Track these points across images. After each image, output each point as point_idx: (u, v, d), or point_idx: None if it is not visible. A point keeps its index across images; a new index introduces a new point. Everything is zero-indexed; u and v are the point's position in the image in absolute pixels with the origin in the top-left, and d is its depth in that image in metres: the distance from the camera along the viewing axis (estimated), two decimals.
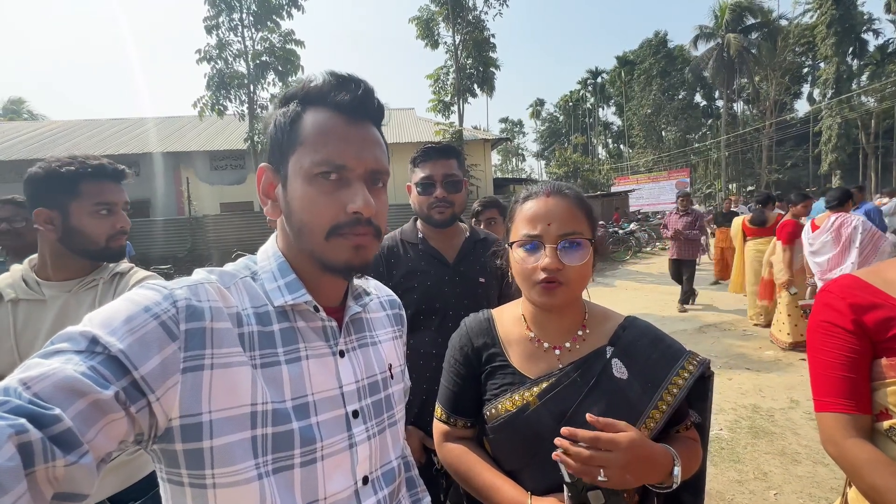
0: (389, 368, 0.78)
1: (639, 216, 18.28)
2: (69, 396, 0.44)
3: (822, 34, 28.81)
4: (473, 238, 1.57)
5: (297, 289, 0.65)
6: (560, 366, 0.90)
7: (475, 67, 15.43)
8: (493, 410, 0.91)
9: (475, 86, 15.68)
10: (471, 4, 14.85)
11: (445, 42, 15.40)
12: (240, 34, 12.56)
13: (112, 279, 1.22)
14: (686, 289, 6.80)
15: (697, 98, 39.24)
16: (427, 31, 15.43)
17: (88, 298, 1.16)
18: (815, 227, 4.17)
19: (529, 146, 65.34)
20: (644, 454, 0.76)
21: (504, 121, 62.26)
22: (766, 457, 2.86)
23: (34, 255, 1.22)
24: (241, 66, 12.70)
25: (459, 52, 15.14)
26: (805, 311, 4.50)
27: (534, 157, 62.34)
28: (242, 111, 12.99)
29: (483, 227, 2.26)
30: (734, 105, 36.02)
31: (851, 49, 29.25)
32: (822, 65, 30.57)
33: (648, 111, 38.14)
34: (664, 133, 39.12)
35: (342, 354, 0.69)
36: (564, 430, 0.76)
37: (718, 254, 8.34)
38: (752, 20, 32.11)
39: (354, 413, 0.68)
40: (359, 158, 0.63)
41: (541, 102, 57.95)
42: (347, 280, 0.73)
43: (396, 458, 0.76)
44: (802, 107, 35.02)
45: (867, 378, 0.84)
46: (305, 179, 0.62)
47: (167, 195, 15.97)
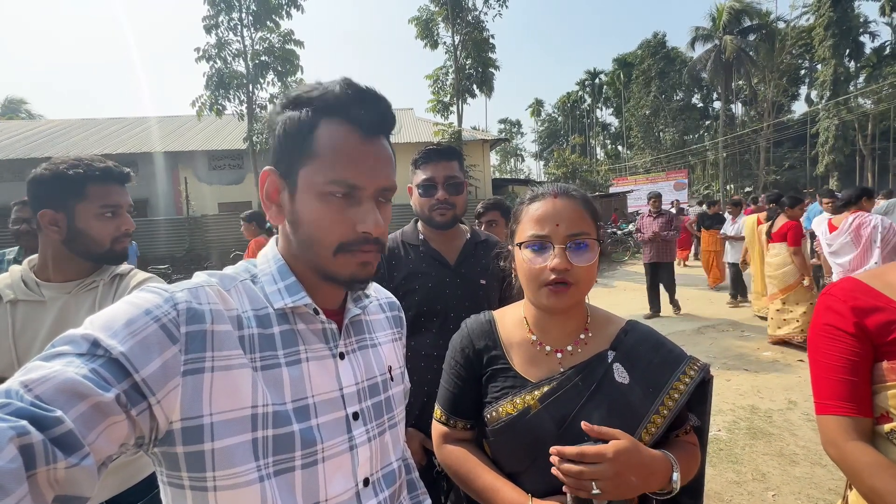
0: (389, 370, 0.78)
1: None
2: (70, 399, 0.44)
3: (820, 36, 28.91)
4: (474, 240, 1.57)
5: (297, 291, 0.65)
6: (562, 369, 0.90)
7: (474, 68, 15.48)
8: (494, 413, 0.90)
9: (474, 86, 15.72)
10: (470, 5, 14.90)
11: (445, 42, 15.46)
12: (239, 34, 12.54)
13: (112, 281, 1.21)
14: (671, 295, 6.47)
15: (695, 100, 39.35)
16: (426, 32, 15.47)
17: (88, 300, 1.16)
18: (833, 228, 4.11)
19: (528, 146, 65.48)
20: (637, 462, 0.75)
21: (503, 121, 62.33)
22: (764, 458, 2.87)
23: (34, 256, 1.21)
24: (241, 66, 12.67)
25: (459, 53, 15.16)
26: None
27: (532, 158, 62.46)
28: (241, 111, 12.95)
29: (483, 229, 2.26)
30: (732, 106, 36.13)
31: (848, 51, 29.34)
32: (820, 67, 30.67)
33: (647, 112, 38.21)
34: (662, 134, 39.19)
35: (342, 356, 0.69)
36: (553, 450, 0.76)
37: (711, 259, 8.10)
38: (750, 22, 32.23)
39: (355, 415, 0.68)
40: (372, 178, 0.63)
41: (540, 103, 58.05)
42: (350, 291, 0.74)
43: (397, 460, 0.76)
44: (800, 108, 35.19)
45: (868, 381, 0.84)
46: (317, 196, 0.62)
47: (165, 195, 15.93)
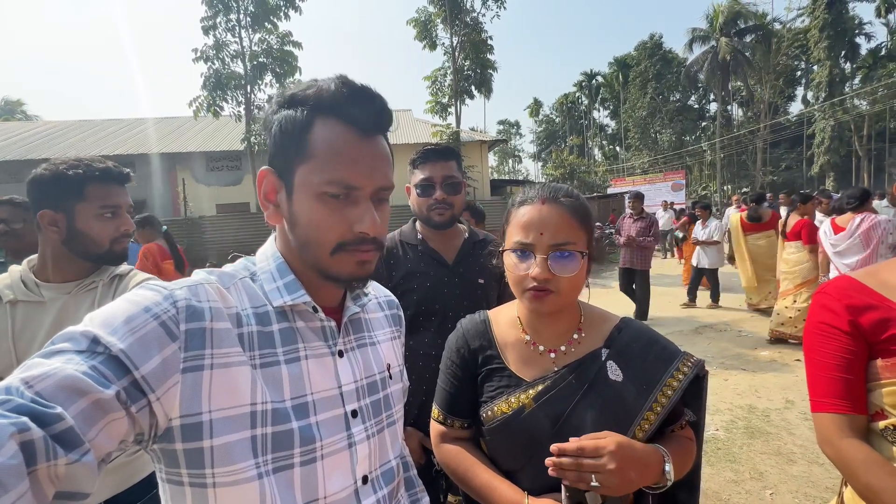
0: (388, 368, 0.78)
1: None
2: (71, 395, 0.44)
3: (816, 38, 29.03)
4: (472, 239, 1.57)
5: (296, 289, 0.66)
6: (555, 368, 0.90)
7: (472, 69, 15.48)
8: (490, 412, 0.91)
9: (472, 87, 15.73)
10: (468, 6, 14.89)
11: (443, 43, 15.45)
12: (237, 35, 12.51)
13: (111, 281, 1.21)
14: (641, 306, 6.04)
15: (692, 101, 39.46)
16: (425, 33, 15.46)
17: (87, 301, 1.16)
18: (838, 228, 4.08)
19: (527, 147, 65.62)
20: (633, 456, 0.76)
21: (502, 122, 62.43)
22: (762, 457, 2.88)
23: (33, 256, 1.21)
24: (238, 67, 12.65)
25: (457, 54, 15.17)
26: None
27: (530, 159, 62.54)
28: (239, 112, 12.93)
29: None
30: (729, 107, 36.27)
31: (844, 52, 29.47)
32: (816, 68, 30.84)
33: (644, 113, 38.30)
34: (659, 135, 39.29)
35: (341, 354, 0.70)
36: (553, 448, 0.77)
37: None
38: (746, 24, 32.37)
39: (353, 412, 0.68)
40: (369, 178, 0.63)
41: (539, 102, 58.14)
42: (349, 290, 0.74)
43: (395, 458, 0.77)
44: (796, 109, 35.35)
45: (863, 379, 0.85)
46: (314, 196, 0.62)
47: (163, 196, 15.89)
